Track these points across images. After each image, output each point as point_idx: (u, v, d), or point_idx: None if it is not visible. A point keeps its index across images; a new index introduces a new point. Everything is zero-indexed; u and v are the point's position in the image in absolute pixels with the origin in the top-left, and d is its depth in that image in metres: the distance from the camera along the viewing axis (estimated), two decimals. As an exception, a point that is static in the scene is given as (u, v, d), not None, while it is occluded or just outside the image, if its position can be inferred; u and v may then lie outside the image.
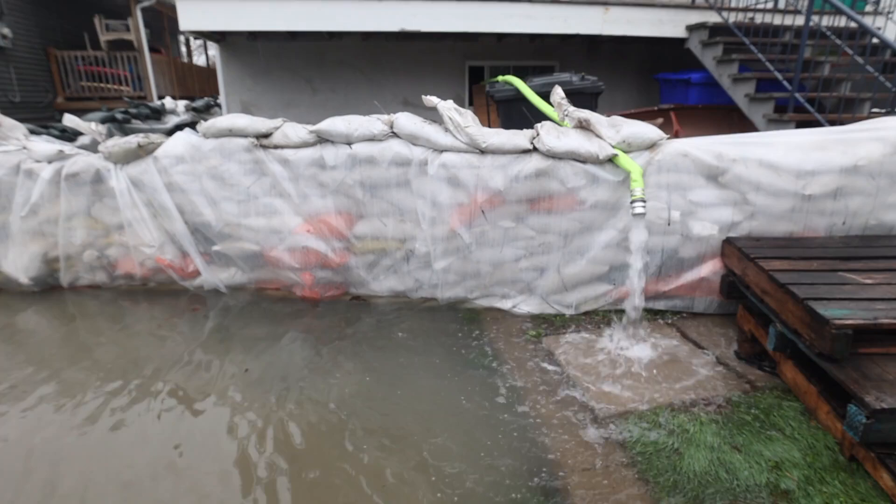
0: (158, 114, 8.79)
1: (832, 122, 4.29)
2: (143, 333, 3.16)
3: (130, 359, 2.84)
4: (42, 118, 10.12)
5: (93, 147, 5.83)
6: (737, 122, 5.46)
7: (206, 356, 2.86)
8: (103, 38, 10.59)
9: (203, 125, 3.58)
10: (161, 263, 3.70)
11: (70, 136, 5.93)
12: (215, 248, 3.63)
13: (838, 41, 4.61)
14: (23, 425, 2.28)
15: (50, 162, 3.77)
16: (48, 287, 3.85)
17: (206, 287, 3.70)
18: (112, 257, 3.80)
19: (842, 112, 4.57)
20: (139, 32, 10.50)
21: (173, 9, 11.93)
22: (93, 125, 4.48)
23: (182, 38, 15.59)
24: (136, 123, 8.14)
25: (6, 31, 9.45)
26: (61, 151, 3.81)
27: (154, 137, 3.78)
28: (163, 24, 12.59)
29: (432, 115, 3.28)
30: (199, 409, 2.39)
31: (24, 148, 3.82)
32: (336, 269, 3.44)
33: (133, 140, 3.69)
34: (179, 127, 8.94)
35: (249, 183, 3.49)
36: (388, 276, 3.43)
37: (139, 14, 10.46)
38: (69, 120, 4.18)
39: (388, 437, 2.14)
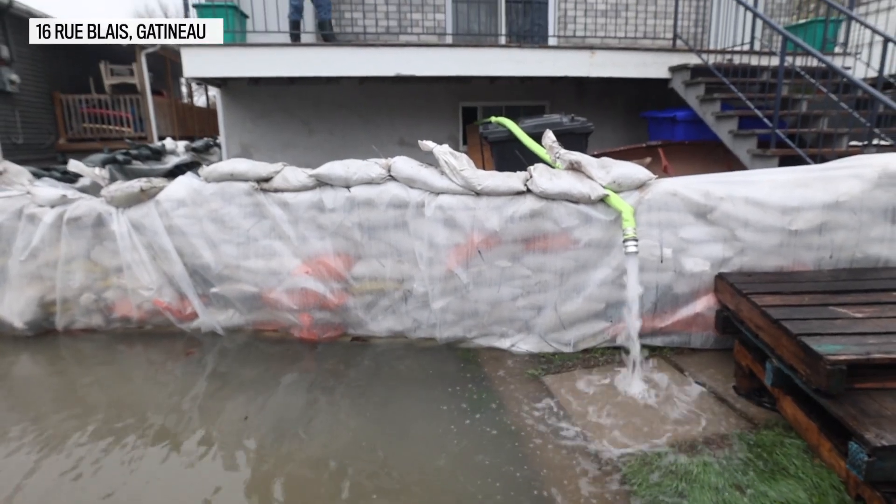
0: (159, 154, 8.92)
1: (813, 157, 4.44)
2: (138, 379, 3.14)
3: (123, 406, 2.79)
4: (44, 159, 10.26)
5: (94, 188, 5.93)
6: (723, 156, 5.63)
7: (203, 403, 2.84)
8: (108, 81, 10.87)
9: (205, 170, 3.67)
10: (159, 306, 3.72)
11: (71, 177, 6.02)
12: (214, 290, 3.66)
13: (812, 80, 4.82)
14: (3, 473, 2.24)
15: (53, 206, 3.83)
16: (42, 331, 3.83)
17: (204, 329, 3.71)
18: (109, 300, 3.81)
19: (822, 146, 4.72)
20: (143, 76, 10.79)
21: (176, 53, 12.32)
22: (96, 170, 4.58)
23: (183, 80, 15.98)
24: (137, 164, 8.24)
25: (14, 77, 9.69)
26: (64, 196, 3.88)
27: (156, 182, 3.87)
28: (165, 67, 12.93)
29: (428, 159, 3.38)
30: (194, 461, 2.33)
31: (28, 193, 3.88)
32: (334, 310, 3.47)
33: (136, 185, 3.77)
34: (179, 167, 9.06)
35: (249, 226, 3.56)
36: (387, 317, 3.46)
37: (143, 59, 10.77)
38: (74, 166, 4.27)
39: (387, 489, 2.12)
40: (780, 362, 2.34)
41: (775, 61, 5.25)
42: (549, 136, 3.43)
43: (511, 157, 4.16)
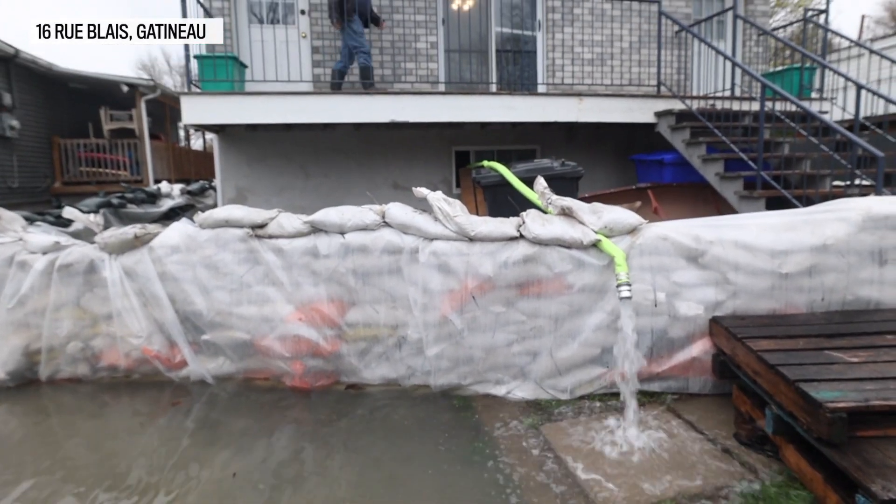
0: (154, 198, 9.00)
1: (798, 198, 4.54)
2: (123, 433, 3.04)
3: (107, 463, 2.69)
4: (38, 202, 10.30)
5: (87, 233, 5.92)
6: (711, 197, 5.74)
7: (189, 458, 2.73)
8: (107, 126, 11.05)
9: (200, 216, 3.69)
10: (147, 354, 3.65)
11: (65, 222, 6.03)
12: (205, 337, 3.60)
13: (792, 124, 4.99)
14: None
15: (45, 253, 3.81)
16: (25, 381, 3.72)
17: (193, 378, 3.63)
18: (97, 348, 3.74)
19: (806, 187, 4.84)
20: (142, 122, 10.98)
21: (175, 99, 12.56)
22: (91, 216, 4.59)
23: (182, 124, 16.26)
24: (132, 208, 8.30)
25: (15, 122, 9.83)
26: (57, 243, 3.86)
27: (151, 228, 3.87)
28: (164, 112, 13.17)
29: (423, 205, 3.41)
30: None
31: (21, 240, 3.87)
32: (327, 358, 3.42)
33: (130, 231, 3.77)
34: (174, 210, 9.13)
35: (243, 272, 3.54)
36: (380, 364, 3.41)
37: (143, 105, 10.98)
38: (68, 212, 4.28)
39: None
40: (780, 409, 2.31)
41: (756, 106, 5.45)
42: (540, 183, 3.49)
43: (503, 201, 4.22)
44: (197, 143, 18.38)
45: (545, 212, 3.34)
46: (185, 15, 5.17)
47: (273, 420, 3.09)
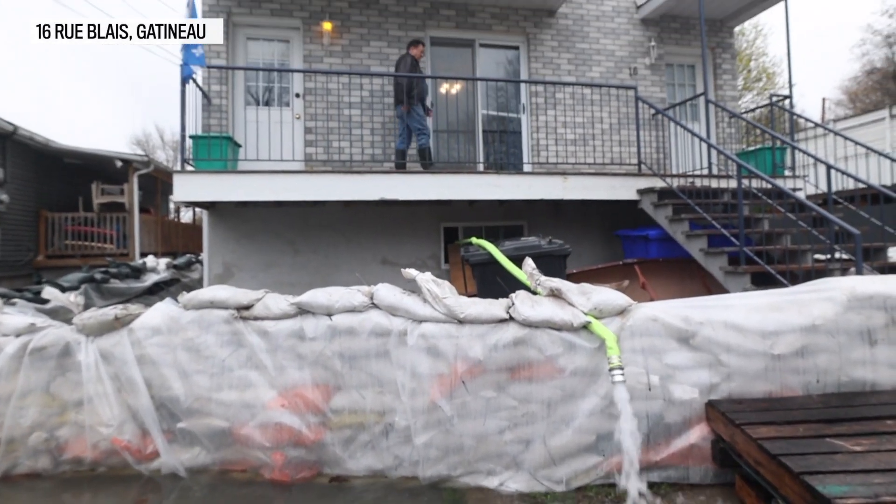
0: (138, 272, 8.87)
1: (782, 273, 4.61)
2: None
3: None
4: (20, 276, 10.12)
5: (66, 311, 5.76)
6: (697, 272, 5.81)
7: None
8: (97, 200, 11.11)
9: (184, 297, 3.61)
10: (117, 445, 3.43)
11: (44, 298, 5.88)
12: (180, 425, 3.42)
13: (769, 201, 5.16)
14: None
15: (18, 335, 3.67)
16: (-26, 478, 3.44)
17: (164, 470, 3.40)
18: (62, 439, 3.50)
19: (788, 262, 4.93)
20: (132, 196, 11.08)
21: (167, 173, 12.74)
22: (70, 296, 4.48)
23: (172, 198, 16.42)
24: (115, 283, 8.15)
25: (4, 197, 9.86)
26: (32, 325, 3.72)
27: (132, 309, 3.77)
28: (156, 186, 13.34)
29: (411, 286, 3.39)
30: None
31: (-6, 323, 3.73)
32: (310, 447, 3.24)
33: (110, 312, 3.66)
34: (158, 285, 8.99)
35: (225, 355, 3.43)
36: (366, 453, 3.23)
37: (135, 180, 11.12)
38: (48, 293, 4.18)
39: None
40: (785, 504, 2.20)
41: (734, 183, 5.66)
42: (528, 264, 3.51)
43: (492, 279, 4.22)
44: (187, 216, 18.50)
45: (534, 292, 3.33)
46: (184, 101, 5.35)
47: (249, 520, 2.87)
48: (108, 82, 50.70)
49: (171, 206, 16.70)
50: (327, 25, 6.85)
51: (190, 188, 5.27)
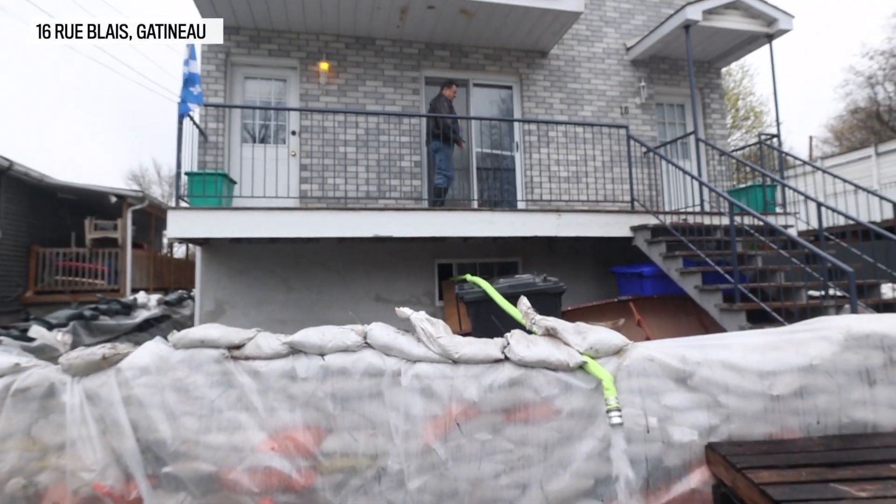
0: (129, 309, 8.78)
1: (777, 310, 4.62)
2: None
3: None
4: (8, 312, 9.98)
5: (51, 349, 5.64)
6: (692, 309, 5.80)
7: None
8: (90, 236, 11.08)
9: (174, 336, 3.55)
10: (99, 491, 3.30)
11: (30, 336, 5.77)
12: (166, 469, 3.30)
13: (762, 238, 5.21)
14: None
15: (1, 376, 3.58)
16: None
17: (149, 518, 3.27)
18: (41, 485, 3.36)
19: (783, 299, 4.94)
20: (126, 231, 11.05)
21: (161, 209, 12.77)
22: (59, 334, 4.40)
23: (166, 233, 16.40)
24: (104, 319, 8.05)
25: (-4, 233, 9.81)
26: (17, 365, 3.63)
27: (121, 348, 3.69)
28: (150, 221, 13.34)
29: (405, 325, 3.35)
30: None
31: (-24, 363, 3.64)
32: (300, 492, 3.13)
33: (98, 352, 3.58)
34: (148, 321, 8.87)
35: (215, 396, 3.35)
36: (357, 499, 3.12)
37: (129, 216, 11.12)
38: (35, 332, 4.10)
39: None
40: (792, 555, 2.13)
41: (726, 220, 5.73)
42: (523, 303, 3.50)
43: (487, 317, 4.19)
44: (180, 251, 18.45)
45: (529, 331, 3.30)
46: (180, 138, 5.41)
47: (234, 572, 2.73)
48: (107, 118, 51.49)
49: (165, 241, 16.67)
50: (324, 65, 7.02)
51: (184, 224, 5.27)
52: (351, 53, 7.21)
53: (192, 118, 5.80)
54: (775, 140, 7.68)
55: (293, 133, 7.10)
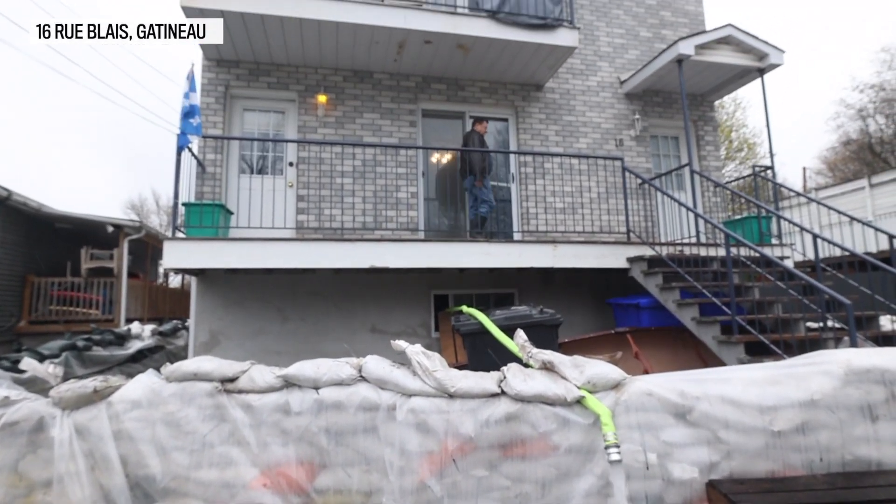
0: (122, 339, 8.67)
1: (776, 343, 4.59)
2: None
3: None
4: (1, 342, 9.85)
5: (42, 381, 5.55)
6: (690, 341, 5.76)
7: None
8: (85, 265, 11.03)
9: (167, 369, 3.51)
10: (86, 530, 3.21)
11: (21, 368, 5.68)
12: (154, 507, 3.21)
13: (759, 269, 5.22)
14: None
15: (-11, 410, 3.51)
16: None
17: (133, 560, 3.16)
18: (28, 524, 3.28)
19: (781, 331, 4.91)
20: (122, 261, 11.03)
21: (158, 239, 12.77)
22: (50, 367, 4.34)
23: (162, 263, 16.36)
24: (97, 350, 7.94)
25: (-8, 262, 9.77)
26: (6, 398, 3.57)
27: (113, 381, 3.64)
28: (146, 251, 13.33)
29: (401, 358, 3.32)
30: None
31: (-35, 397, 3.58)
32: (291, 532, 3.04)
33: (89, 385, 3.53)
34: (142, 352, 8.76)
35: (207, 430, 3.28)
36: (351, 539, 3.03)
37: (126, 245, 11.11)
38: (27, 364, 4.05)
39: None
40: None
41: (722, 251, 5.75)
42: (520, 336, 3.47)
43: (483, 349, 4.15)
44: (175, 280, 18.38)
45: (526, 365, 3.27)
46: (178, 169, 5.46)
47: None
48: (107, 149, 52.09)
49: (161, 270, 16.63)
50: (322, 98, 7.15)
51: (180, 255, 5.27)
52: (349, 86, 7.35)
53: (190, 150, 5.86)
54: (769, 172, 7.79)
55: (290, 164, 7.17)
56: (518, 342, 3.46)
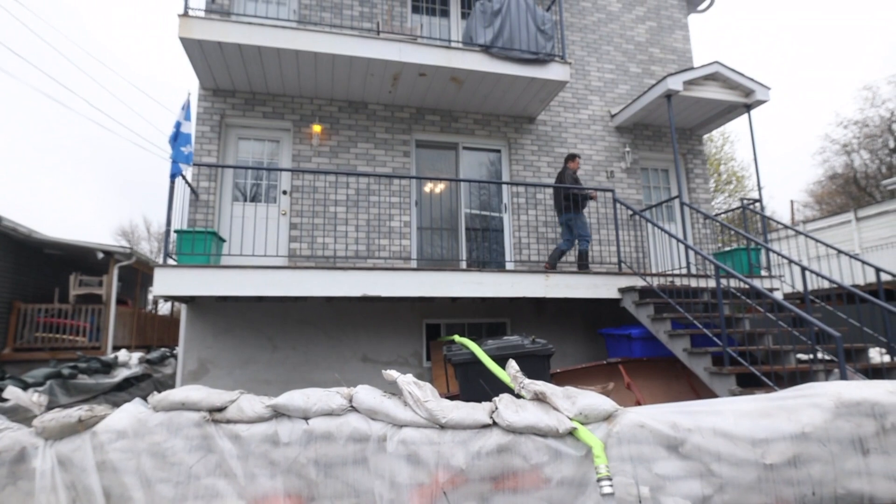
0: (109, 367, 8.53)
1: (766, 374, 4.60)
2: None
3: None
4: (-17, 370, 9.62)
5: (24, 410, 5.41)
6: (682, 372, 5.76)
7: None
8: (74, 292, 10.89)
9: (155, 398, 3.45)
10: (63, 567, 3.10)
11: (3, 397, 5.55)
12: (136, 543, 3.12)
13: (749, 301, 5.27)
14: None
15: (-31, 440, 3.42)
16: None
17: None
18: (3, 560, 3.17)
19: (772, 363, 4.92)
20: (111, 288, 10.91)
21: (148, 265, 12.68)
22: (34, 395, 4.24)
23: (151, 290, 16.20)
24: (83, 378, 7.80)
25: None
26: (-13, 430, 3.50)
27: (98, 410, 3.57)
28: (136, 277, 13.21)
29: (392, 388, 3.30)
30: None
31: (-54, 429, 3.49)
32: (277, 569, 2.96)
33: (74, 414, 3.46)
34: (128, 381, 8.61)
35: (193, 461, 3.22)
36: (338, 577, 2.95)
37: (115, 272, 11.02)
38: (10, 393, 3.95)
39: None
40: None
41: (712, 282, 5.80)
42: (512, 366, 3.47)
43: (475, 379, 4.13)
44: (165, 307, 18.17)
45: (518, 395, 3.25)
46: (171, 196, 5.48)
47: None
48: (99, 175, 52.12)
49: (150, 297, 16.45)
50: (317, 128, 7.24)
51: (171, 282, 5.24)
52: (344, 116, 7.47)
53: (184, 177, 5.89)
54: (757, 204, 7.94)
55: (284, 192, 7.22)
56: (510, 372, 3.45)
